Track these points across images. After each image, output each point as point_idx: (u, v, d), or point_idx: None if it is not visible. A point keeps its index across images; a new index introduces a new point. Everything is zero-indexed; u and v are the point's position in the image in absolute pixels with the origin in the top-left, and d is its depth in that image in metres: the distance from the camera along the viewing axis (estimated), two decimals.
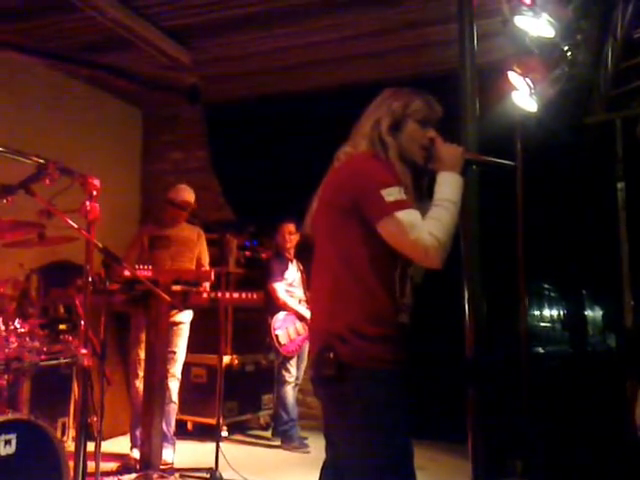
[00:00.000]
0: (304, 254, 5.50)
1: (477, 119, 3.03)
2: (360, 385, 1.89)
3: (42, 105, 5.55)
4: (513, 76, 3.99)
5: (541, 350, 6.69)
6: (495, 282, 3.36)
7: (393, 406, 1.92)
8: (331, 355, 1.90)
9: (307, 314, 5.37)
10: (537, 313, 7.32)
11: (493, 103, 4.10)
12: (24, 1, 4.48)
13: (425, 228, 1.89)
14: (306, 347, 5.49)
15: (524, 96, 4.06)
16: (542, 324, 7.64)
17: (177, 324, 4.68)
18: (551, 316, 7.92)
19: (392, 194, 1.90)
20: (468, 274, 2.93)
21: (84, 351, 2.98)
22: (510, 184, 4.59)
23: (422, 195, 2.09)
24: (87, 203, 3.00)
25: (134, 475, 4.05)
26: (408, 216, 1.90)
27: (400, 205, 1.90)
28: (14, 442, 2.58)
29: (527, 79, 3.97)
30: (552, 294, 7.87)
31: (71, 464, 2.75)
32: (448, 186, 2.02)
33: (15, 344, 2.92)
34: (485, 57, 3.66)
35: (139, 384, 4.57)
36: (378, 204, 1.90)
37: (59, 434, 4.26)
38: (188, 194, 4.83)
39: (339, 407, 1.96)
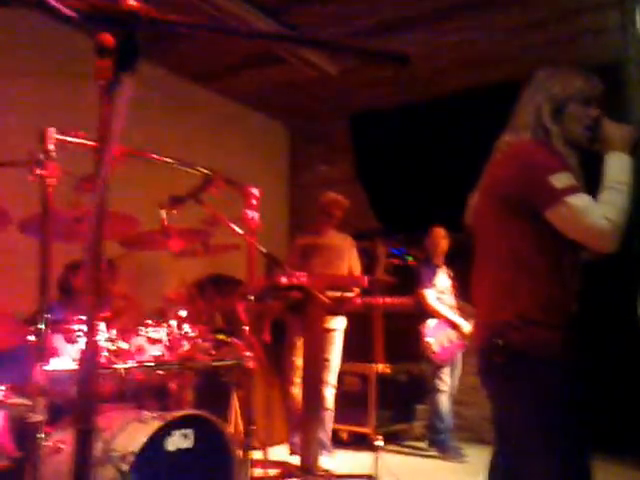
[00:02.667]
0: (457, 260, 5.42)
1: None
2: (531, 371, 1.87)
3: (193, 122, 5.87)
4: None
5: None
6: None
7: (565, 392, 1.88)
8: (501, 342, 1.89)
9: (459, 321, 5.27)
10: None
11: None
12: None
13: (599, 212, 1.85)
14: (459, 355, 5.39)
15: None
16: None
17: (330, 331, 4.74)
18: None
19: (561, 179, 1.87)
20: None
21: (249, 354, 3.10)
22: None
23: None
24: (248, 212, 3.14)
25: None
26: (580, 201, 1.86)
27: (570, 190, 1.86)
28: (191, 436, 2.71)
29: None
30: None
31: None
32: (618, 167, 1.95)
33: (188, 346, 3.07)
34: None
35: (295, 391, 4.67)
36: (548, 191, 1.87)
37: None
38: (336, 198, 4.95)
39: (509, 394, 1.95)
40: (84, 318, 2.60)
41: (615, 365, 4.54)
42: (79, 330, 2.69)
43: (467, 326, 5.23)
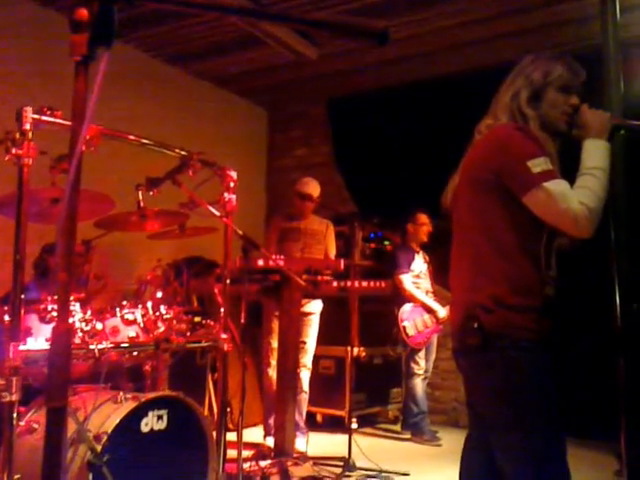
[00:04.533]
0: (433, 245, 5.46)
1: (621, 86, 2.86)
2: (504, 353, 1.89)
3: (174, 105, 5.86)
4: None
5: None
6: None
7: (537, 374, 1.91)
8: (475, 325, 1.90)
9: (435, 306, 5.33)
10: None
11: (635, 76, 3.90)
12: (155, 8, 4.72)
13: (575, 197, 1.86)
14: (434, 339, 5.45)
15: None
16: None
17: (307, 314, 4.77)
18: None
19: (538, 165, 1.88)
20: (617, 254, 2.76)
21: (224, 336, 3.11)
22: None
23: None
24: (225, 195, 3.13)
25: (269, 461, 4.14)
26: (557, 186, 1.87)
27: (548, 175, 1.87)
28: (165, 417, 2.72)
29: None
30: None
31: None
32: (596, 153, 1.97)
33: (163, 328, 3.08)
34: (627, 31, 3.49)
35: (271, 373, 4.69)
36: (525, 176, 1.88)
37: None
38: (314, 186, 4.93)
39: (483, 376, 1.98)
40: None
41: (588, 350, 4.62)
42: (53, 310, 2.68)
43: (442, 311, 5.29)
